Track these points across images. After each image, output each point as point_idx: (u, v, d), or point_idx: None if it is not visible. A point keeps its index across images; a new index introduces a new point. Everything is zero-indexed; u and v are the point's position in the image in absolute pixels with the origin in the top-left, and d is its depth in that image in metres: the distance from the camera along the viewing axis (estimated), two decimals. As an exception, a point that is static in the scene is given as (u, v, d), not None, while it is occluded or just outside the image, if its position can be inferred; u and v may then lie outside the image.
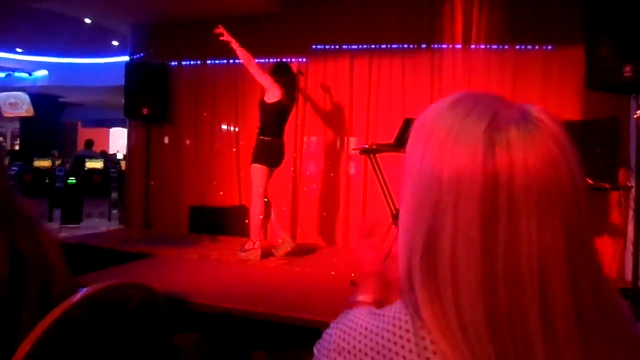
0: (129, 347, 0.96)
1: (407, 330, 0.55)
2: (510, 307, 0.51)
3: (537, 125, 0.55)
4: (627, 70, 3.02)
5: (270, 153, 4.43)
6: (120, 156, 10.82)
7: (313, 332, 2.45)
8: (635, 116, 3.30)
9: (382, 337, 0.56)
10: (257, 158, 4.42)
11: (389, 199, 3.49)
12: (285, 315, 2.86)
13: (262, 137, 4.45)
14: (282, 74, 4.50)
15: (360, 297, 0.86)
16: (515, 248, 0.51)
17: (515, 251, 0.51)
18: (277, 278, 3.82)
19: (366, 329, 0.59)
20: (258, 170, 4.42)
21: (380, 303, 0.85)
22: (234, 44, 4.46)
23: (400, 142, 3.21)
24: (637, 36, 3.03)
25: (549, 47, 4.75)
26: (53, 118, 12.71)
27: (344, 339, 0.59)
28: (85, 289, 0.91)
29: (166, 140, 6.33)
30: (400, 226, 0.61)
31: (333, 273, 3.92)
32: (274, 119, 4.42)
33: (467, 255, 0.52)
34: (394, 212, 3.43)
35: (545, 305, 0.51)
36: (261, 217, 4.44)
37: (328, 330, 0.63)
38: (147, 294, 1.02)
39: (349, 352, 0.58)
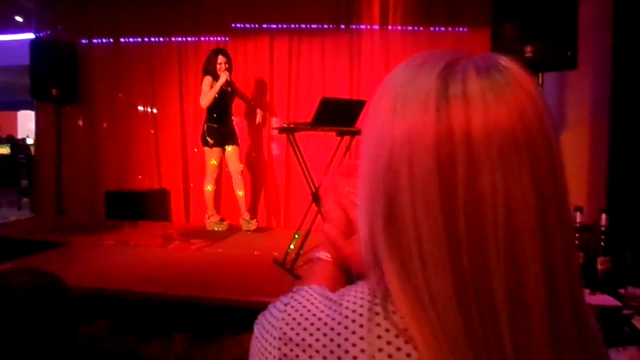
0: (24, 335, 0.93)
1: (361, 326, 0.49)
2: (476, 274, 0.45)
3: (502, 72, 0.48)
4: (528, 50, 3.22)
5: None
6: (30, 141, 10.17)
7: (234, 311, 2.47)
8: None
9: (338, 334, 0.49)
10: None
11: (309, 178, 3.53)
12: (206, 297, 2.85)
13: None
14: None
15: (322, 255, 0.78)
16: (477, 204, 0.45)
17: (477, 208, 0.45)
18: (198, 260, 3.77)
19: (320, 319, 0.51)
20: None
21: (344, 264, 0.76)
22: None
23: (317, 121, 3.24)
24: (537, 17, 3.23)
25: (461, 29, 4.96)
26: (-49, 100, 11.69)
27: (292, 329, 0.52)
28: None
29: (80, 122, 6.01)
30: (359, 197, 0.54)
31: (257, 253, 3.93)
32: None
33: (427, 217, 0.46)
34: (314, 190, 3.48)
35: (512, 270, 0.46)
36: None
37: (273, 312, 0.55)
38: (43, 279, 0.99)
39: (297, 344, 0.51)
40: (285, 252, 3.45)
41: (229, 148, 4.89)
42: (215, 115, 4.82)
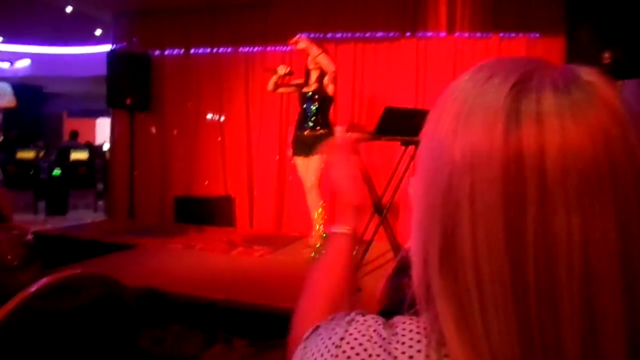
0: (86, 338, 0.95)
1: (419, 351, 0.45)
2: (544, 327, 0.40)
3: (584, 90, 0.42)
4: (607, 57, 3.04)
5: None
6: (106, 147, 10.73)
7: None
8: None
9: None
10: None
11: (372, 189, 3.49)
12: (268, 305, 2.86)
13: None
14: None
15: (339, 229, 0.79)
16: (548, 247, 0.39)
17: (549, 251, 0.39)
18: (260, 267, 3.81)
19: (370, 355, 0.48)
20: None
21: (357, 236, 0.81)
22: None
23: (380, 130, 3.20)
24: (615, 22, 3.05)
25: (533, 35, 4.76)
26: (37, 109, 12.55)
27: (348, 356, 0.48)
28: (42, 279, 0.90)
29: (153, 130, 6.28)
30: (413, 225, 0.49)
31: (317, 262, 3.92)
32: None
33: (490, 257, 0.40)
34: (376, 200, 3.43)
35: (587, 324, 0.39)
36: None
37: (328, 344, 0.51)
38: (107, 284, 1.01)
39: None
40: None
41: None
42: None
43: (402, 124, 3.24)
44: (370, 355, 0.48)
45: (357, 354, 0.48)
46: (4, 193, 3.27)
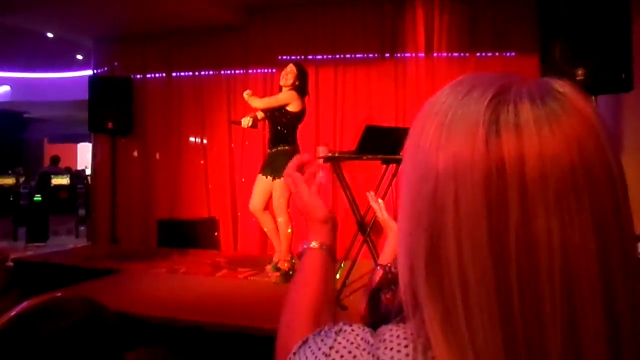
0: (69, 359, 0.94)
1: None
2: (528, 328, 0.41)
3: (558, 100, 0.44)
4: (580, 73, 3.13)
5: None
6: (88, 172, 10.65)
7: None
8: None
9: None
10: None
11: (354, 207, 3.51)
12: (254, 327, 2.84)
13: (287, 147, 4.11)
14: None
15: (312, 244, 0.81)
16: (530, 249, 0.41)
17: (530, 253, 0.41)
18: (245, 289, 3.79)
19: (365, 350, 0.50)
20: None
21: (330, 248, 0.81)
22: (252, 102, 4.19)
23: (361, 149, 3.23)
24: (588, 39, 3.15)
25: (509, 54, 4.88)
26: (18, 134, 12.43)
27: None
28: (22, 304, 0.89)
29: (135, 154, 6.25)
30: (399, 234, 0.51)
31: (302, 282, 3.90)
32: (295, 128, 4.25)
33: (474, 260, 0.42)
34: (359, 219, 3.45)
35: (569, 322, 0.41)
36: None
37: (317, 354, 0.53)
38: (90, 307, 1.01)
39: None
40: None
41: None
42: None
43: (383, 142, 3.28)
44: None
45: None
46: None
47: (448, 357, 0.44)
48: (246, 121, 4.28)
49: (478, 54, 4.98)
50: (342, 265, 3.45)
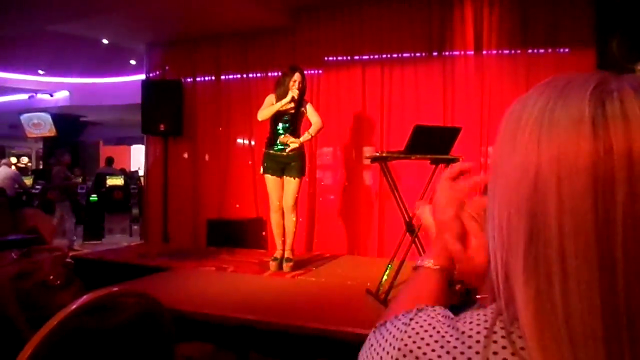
0: (126, 355, 0.97)
1: (478, 342, 0.48)
2: (630, 303, 0.42)
3: None
4: (639, 69, 2.98)
5: None
6: (141, 173, 11.00)
7: (328, 341, 2.45)
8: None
9: (455, 348, 0.49)
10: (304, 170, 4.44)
11: (403, 208, 3.47)
12: (301, 325, 2.86)
13: (303, 150, 4.44)
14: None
15: (425, 262, 0.75)
16: (637, 227, 0.42)
17: (637, 231, 0.42)
18: (292, 289, 3.82)
19: (441, 336, 0.51)
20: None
21: (447, 271, 0.74)
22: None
23: (410, 149, 3.20)
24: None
25: (562, 50, 4.71)
26: (75, 137, 12.98)
27: (414, 342, 0.52)
28: (82, 297, 0.93)
29: (185, 155, 6.43)
30: (489, 220, 0.52)
31: (349, 283, 3.90)
32: None
33: (576, 236, 0.43)
34: (407, 220, 3.41)
35: None
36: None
37: (397, 324, 0.55)
38: (146, 302, 1.04)
39: (416, 357, 0.51)
40: (378, 282, 3.40)
41: (287, 178, 4.37)
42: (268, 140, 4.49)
43: (432, 142, 3.24)
44: (438, 332, 0.52)
45: (426, 331, 0.52)
46: (44, 218, 3.39)
47: (536, 331, 0.45)
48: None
49: (530, 51, 4.82)
50: (390, 265, 3.42)
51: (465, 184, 0.74)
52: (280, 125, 4.34)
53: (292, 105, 4.25)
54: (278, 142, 4.32)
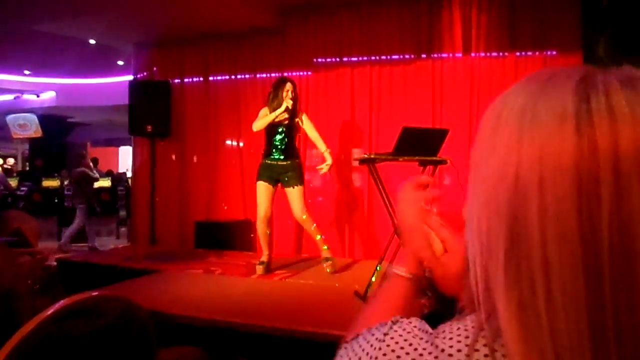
0: (105, 357, 0.95)
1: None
2: (618, 313, 0.39)
3: None
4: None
5: None
6: (129, 174, 10.92)
7: (316, 344, 2.43)
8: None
9: None
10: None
11: (390, 209, 3.47)
12: (288, 329, 2.84)
13: (299, 159, 4.49)
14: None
15: (400, 270, 0.73)
16: (623, 231, 0.39)
17: (624, 235, 0.39)
18: (280, 291, 3.79)
19: (419, 354, 0.47)
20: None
21: (418, 278, 0.73)
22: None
23: (398, 151, 3.19)
24: (632, 34, 3.02)
25: (550, 52, 4.74)
26: (62, 138, 12.85)
27: (392, 349, 0.49)
28: (59, 302, 0.90)
29: (173, 157, 6.38)
30: (467, 225, 0.50)
31: (337, 285, 3.89)
32: None
33: (560, 244, 0.41)
34: (395, 223, 3.40)
35: None
36: None
37: (370, 340, 0.51)
38: (126, 307, 1.02)
39: None
40: (366, 284, 3.38)
41: (288, 189, 4.34)
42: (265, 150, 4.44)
43: (420, 144, 3.24)
44: (415, 349, 0.48)
45: (402, 348, 0.49)
46: (29, 220, 3.34)
47: (520, 347, 0.42)
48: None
49: (518, 53, 4.85)
50: (378, 267, 3.42)
51: (426, 193, 0.74)
52: (276, 137, 4.30)
53: (287, 115, 4.21)
54: (274, 152, 4.33)
